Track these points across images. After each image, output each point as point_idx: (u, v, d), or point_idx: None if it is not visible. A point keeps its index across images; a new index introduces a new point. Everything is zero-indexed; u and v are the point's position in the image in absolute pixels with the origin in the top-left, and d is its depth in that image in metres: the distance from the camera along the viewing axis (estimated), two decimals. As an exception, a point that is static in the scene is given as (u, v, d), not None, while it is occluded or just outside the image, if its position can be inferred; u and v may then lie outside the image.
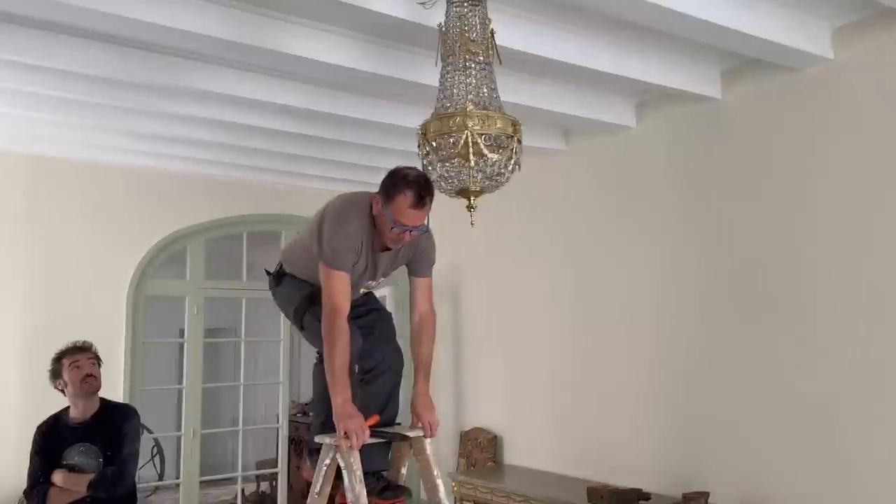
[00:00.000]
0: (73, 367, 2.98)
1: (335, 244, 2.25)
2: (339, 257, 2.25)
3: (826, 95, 3.18)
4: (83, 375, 2.98)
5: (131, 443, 3.04)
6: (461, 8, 2.19)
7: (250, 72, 3.40)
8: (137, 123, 3.98)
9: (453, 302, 5.50)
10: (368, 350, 2.46)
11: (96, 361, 3.07)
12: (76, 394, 3.00)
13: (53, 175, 4.68)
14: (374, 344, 2.50)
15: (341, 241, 2.25)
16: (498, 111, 2.18)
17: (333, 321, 2.19)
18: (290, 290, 2.53)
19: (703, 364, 3.64)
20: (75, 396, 3.01)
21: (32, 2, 2.45)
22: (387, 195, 2.21)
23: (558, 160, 4.57)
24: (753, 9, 2.87)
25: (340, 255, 2.25)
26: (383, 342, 2.56)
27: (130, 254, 4.89)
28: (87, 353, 3.06)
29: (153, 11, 2.60)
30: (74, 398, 3.01)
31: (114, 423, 3.04)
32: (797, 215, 3.26)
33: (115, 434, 3.01)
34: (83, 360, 3.01)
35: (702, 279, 3.68)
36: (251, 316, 5.68)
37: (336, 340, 2.16)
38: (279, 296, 2.60)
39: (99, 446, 2.97)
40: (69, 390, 3.00)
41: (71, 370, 2.98)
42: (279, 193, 5.39)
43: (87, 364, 3.02)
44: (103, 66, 3.09)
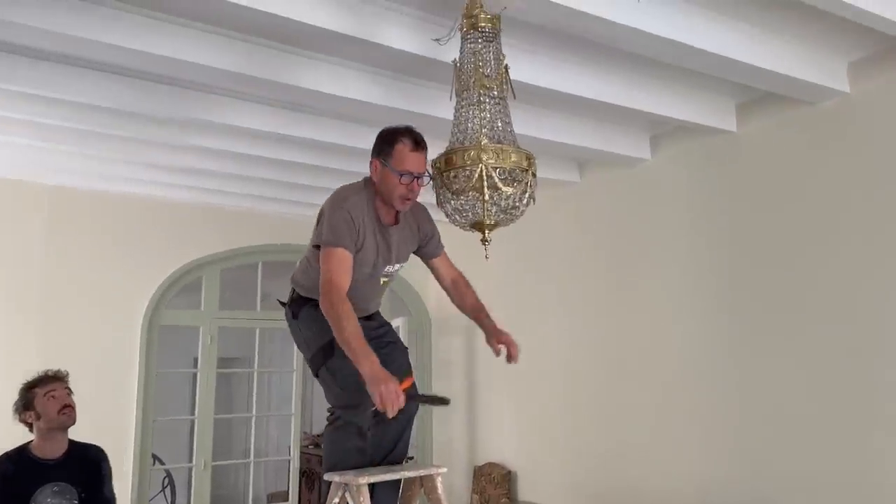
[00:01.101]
0: (48, 398, 2.71)
1: (333, 221, 2.19)
2: (338, 232, 2.17)
3: (842, 129, 3.16)
4: (61, 406, 2.72)
5: (111, 484, 2.86)
6: (475, 44, 2.20)
7: (266, 105, 3.44)
8: (154, 155, 4.02)
9: (466, 334, 5.46)
10: None
11: (71, 392, 2.81)
12: (51, 427, 2.72)
13: (71, 205, 4.73)
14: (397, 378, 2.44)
15: (339, 216, 2.19)
16: (512, 145, 2.17)
17: (331, 298, 2.09)
18: (307, 331, 2.40)
19: (722, 398, 3.57)
20: (49, 430, 2.73)
21: (52, 36, 2.48)
22: (383, 151, 2.23)
23: (572, 192, 4.56)
24: (768, 43, 2.87)
25: (339, 230, 2.17)
26: (398, 374, 2.49)
27: (146, 283, 4.92)
28: (62, 383, 2.80)
29: (170, 45, 2.64)
30: (48, 432, 2.73)
31: (90, 463, 2.82)
32: (813, 248, 3.22)
33: (93, 474, 2.79)
34: (59, 390, 2.75)
35: (718, 311, 3.63)
36: (265, 346, 5.68)
37: (340, 313, 2.07)
38: (296, 332, 2.49)
39: (75, 486, 2.72)
40: (41, 424, 2.72)
41: (46, 401, 2.71)
42: (294, 224, 5.39)
43: (64, 394, 2.76)
44: (121, 98, 3.14)
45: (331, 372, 2.30)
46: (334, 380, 2.32)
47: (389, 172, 2.22)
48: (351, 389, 2.26)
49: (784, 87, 3.11)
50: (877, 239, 2.99)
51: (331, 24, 2.45)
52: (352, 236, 2.19)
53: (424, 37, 2.57)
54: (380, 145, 2.27)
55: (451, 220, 2.27)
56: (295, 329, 2.48)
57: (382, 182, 2.25)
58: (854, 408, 3.02)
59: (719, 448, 3.56)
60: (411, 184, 2.23)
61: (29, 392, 2.75)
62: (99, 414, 4.59)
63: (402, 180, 2.21)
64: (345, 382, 2.29)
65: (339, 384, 2.32)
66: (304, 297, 2.42)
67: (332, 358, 2.28)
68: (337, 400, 2.36)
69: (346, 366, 2.28)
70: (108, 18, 2.50)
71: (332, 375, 2.31)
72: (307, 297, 2.40)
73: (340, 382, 2.31)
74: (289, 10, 2.37)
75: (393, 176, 2.21)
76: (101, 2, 2.47)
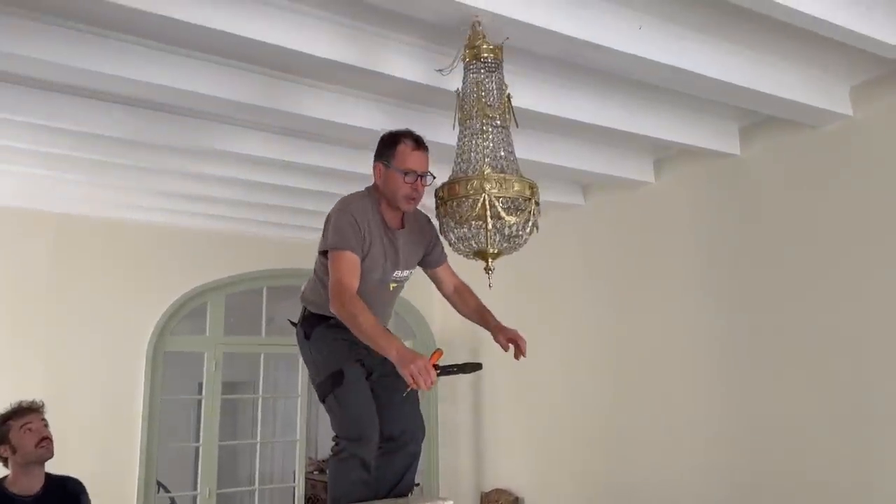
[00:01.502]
0: (24, 430, 2.61)
1: (339, 224, 2.20)
2: (344, 235, 2.18)
3: (845, 152, 3.16)
4: (38, 439, 2.62)
5: None
6: (478, 74, 2.21)
7: (270, 132, 3.46)
8: (160, 183, 4.05)
9: (473, 355, 5.43)
10: (392, 415, 2.38)
11: (47, 423, 2.70)
12: (28, 461, 2.62)
13: (78, 233, 4.76)
14: (398, 408, 2.41)
15: (345, 220, 2.21)
16: (515, 174, 2.18)
17: (342, 299, 2.08)
18: (318, 354, 2.38)
19: (730, 418, 3.54)
20: (26, 464, 2.62)
21: (60, 69, 2.51)
22: (386, 154, 2.28)
23: (577, 215, 4.56)
24: (770, 67, 2.87)
25: (345, 233, 2.18)
26: (409, 407, 2.45)
27: (151, 310, 4.93)
28: (38, 414, 2.69)
29: (176, 76, 2.67)
30: (24, 466, 2.62)
31: (69, 496, 2.71)
32: (818, 270, 3.20)
33: None
34: (36, 422, 2.65)
35: (723, 333, 3.61)
36: (270, 370, 5.65)
37: (353, 311, 2.05)
38: (306, 353, 2.44)
39: None
40: (17, 458, 2.61)
41: (23, 433, 2.60)
42: (299, 248, 5.39)
43: (41, 426, 2.66)
44: (126, 127, 3.17)
45: (338, 400, 2.28)
46: (341, 409, 2.30)
47: (393, 173, 2.25)
48: (357, 421, 2.26)
49: (786, 111, 3.11)
50: (881, 260, 2.98)
51: (335, 55, 2.47)
52: (357, 240, 2.20)
53: (427, 66, 2.58)
54: (382, 148, 2.32)
55: (454, 248, 2.27)
56: (306, 350, 2.43)
57: (387, 184, 2.28)
58: (859, 424, 2.99)
59: (729, 471, 3.51)
60: (415, 183, 2.26)
61: (3, 425, 2.64)
62: (104, 441, 4.61)
63: (406, 179, 2.24)
64: (352, 413, 2.28)
65: (347, 414, 2.30)
66: (316, 315, 2.39)
67: (341, 387, 2.27)
68: (342, 430, 2.33)
69: (355, 397, 2.27)
70: (114, 51, 2.53)
71: (340, 404, 2.29)
72: (318, 314, 2.36)
73: (348, 413, 2.29)
74: (293, 42, 2.39)
75: (397, 176, 2.25)
76: (107, 34, 2.50)
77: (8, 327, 4.51)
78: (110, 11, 2.14)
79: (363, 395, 2.32)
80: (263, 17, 2.33)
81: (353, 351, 2.33)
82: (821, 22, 2.33)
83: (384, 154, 2.30)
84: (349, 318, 2.07)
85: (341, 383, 2.26)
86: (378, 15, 2.39)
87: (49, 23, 2.39)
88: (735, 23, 2.53)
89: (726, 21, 2.52)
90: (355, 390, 2.30)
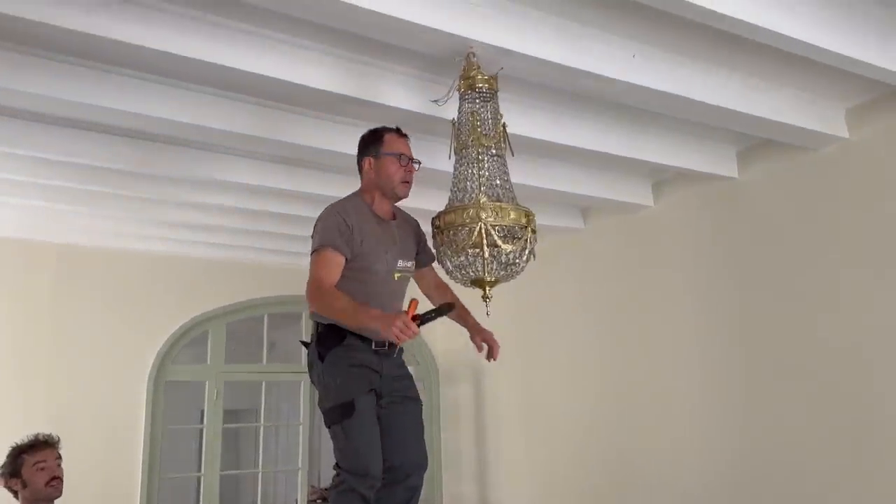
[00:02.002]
0: (37, 468, 2.61)
1: (325, 225, 2.27)
2: (328, 234, 2.23)
3: (842, 174, 3.16)
4: (49, 478, 2.61)
5: None
6: (473, 104, 2.23)
7: (269, 161, 3.48)
8: (160, 212, 4.07)
9: (475, 381, 5.41)
10: (395, 444, 2.36)
11: (61, 460, 2.71)
12: (37, 498, 2.61)
13: (79, 263, 4.77)
14: (402, 438, 2.38)
15: (331, 220, 2.27)
16: (511, 202, 2.19)
17: (319, 293, 2.14)
18: (331, 379, 2.31)
19: (732, 438, 3.51)
20: (35, 500, 2.62)
21: (60, 103, 2.54)
22: (372, 146, 2.37)
23: (578, 239, 4.56)
24: (765, 92, 2.89)
25: (329, 232, 2.24)
26: (413, 438, 2.44)
27: (152, 339, 4.92)
28: (53, 451, 2.69)
29: (176, 109, 2.70)
30: (33, 502, 2.62)
31: None
32: (816, 291, 3.20)
33: None
34: (50, 461, 2.65)
35: (725, 354, 3.59)
36: (271, 397, 5.63)
37: (330, 300, 2.13)
38: (318, 376, 2.36)
39: None
40: (26, 493, 2.61)
41: (35, 471, 2.60)
42: (298, 274, 5.34)
43: (54, 464, 2.67)
44: (127, 159, 3.19)
45: (345, 432, 2.26)
46: (347, 441, 2.27)
47: (385, 160, 2.34)
48: (361, 456, 2.24)
49: (782, 134, 3.12)
50: (879, 279, 2.97)
51: (331, 86, 2.50)
52: (344, 238, 2.24)
53: (424, 96, 2.61)
54: (366, 144, 2.40)
55: (451, 277, 2.27)
56: (317, 372, 2.35)
57: (380, 173, 2.36)
58: (860, 445, 2.96)
59: (732, 492, 3.47)
60: (408, 165, 2.36)
61: (18, 458, 2.64)
62: (106, 471, 4.58)
63: (400, 161, 2.34)
64: (356, 447, 2.26)
65: (351, 447, 2.27)
66: (330, 332, 2.32)
67: (350, 419, 2.24)
68: (344, 461, 2.30)
69: (362, 431, 2.25)
70: (114, 84, 2.56)
71: (346, 436, 2.26)
72: (332, 326, 2.31)
73: (352, 446, 2.27)
74: (290, 74, 2.42)
75: (389, 161, 2.34)
76: (108, 69, 2.53)
77: (10, 358, 4.50)
78: (110, 46, 2.17)
79: (371, 430, 2.30)
80: (261, 50, 2.36)
81: (367, 379, 2.31)
82: (814, 48, 2.35)
83: (370, 147, 2.39)
84: (328, 309, 2.14)
85: (351, 415, 2.24)
86: (374, 47, 2.41)
87: (49, 58, 2.43)
88: (729, 49, 2.55)
89: (720, 48, 2.54)
90: (364, 424, 2.28)
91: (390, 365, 2.41)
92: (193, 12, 2.22)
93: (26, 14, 2.00)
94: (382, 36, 2.22)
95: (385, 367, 2.37)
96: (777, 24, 2.21)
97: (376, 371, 2.35)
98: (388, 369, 2.39)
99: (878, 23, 2.46)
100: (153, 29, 2.17)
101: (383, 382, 2.35)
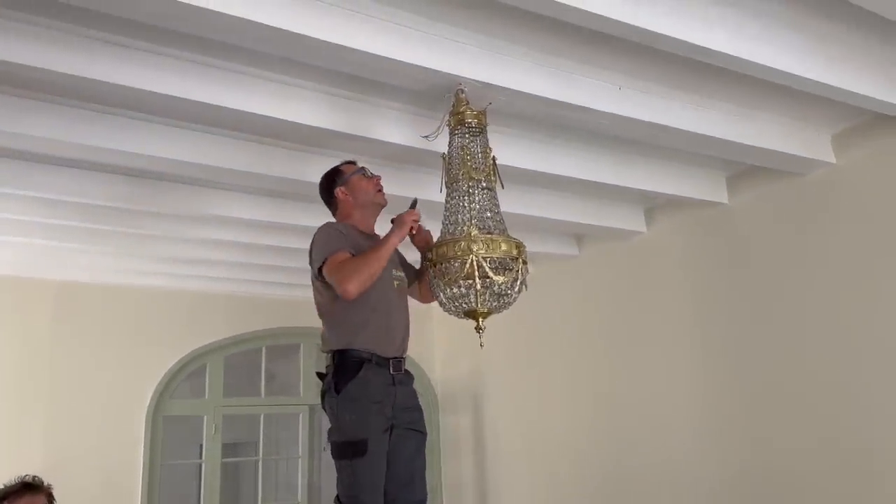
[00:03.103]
0: None
1: (324, 240, 2.33)
2: (332, 242, 2.31)
3: (830, 198, 3.21)
4: None
5: None
6: (463, 139, 2.28)
7: (266, 196, 3.52)
8: (158, 248, 4.11)
9: (474, 409, 5.40)
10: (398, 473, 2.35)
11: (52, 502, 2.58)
12: None
13: (77, 300, 4.79)
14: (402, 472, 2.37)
15: (329, 233, 2.36)
16: (502, 234, 2.22)
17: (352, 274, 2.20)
18: (345, 413, 2.27)
19: (728, 460, 3.51)
20: None
21: (60, 144, 2.59)
22: (337, 177, 2.51)
23: (572, 266, 4.60)
24: (751, 120, 2.94)
25: (332, 241, 2.32)
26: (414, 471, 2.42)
27: (150, 374, 4.92)
28: (39, 496, 2.58)
29: (173, 147, 2.75)
30: None
31: None
32: (806, 314, 3.23)
33: None
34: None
35: (717, 377, 3.62)
36: (270, 430, 5.60)
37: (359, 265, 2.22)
38: (332, 408, 2.31)
39: None
40: None
41: None
42: (297, 306, 5.40)
43: None
44: (125, 197, 3.23)
45: (353, 468, 2.25)
46: (353, 477, 2.26)
47: (353, 179, 2.49)
48: (364, 495, 2.23)
49: (770, 160, 3.17)
50: (867, 302, 3.00)
51: (323, 123, 2.55)
52: (343, 241, 2.33)
53: (415, 130, 2.65)
54: (331, 182, 2.53)
55: (445, 309, 2.30)
56: (332, 403, 2.30)
57: (356, 193, 2.49)
58: (855, 466, 2.97)
59: None
60: (373, 177, 2.52)
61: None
62: (103, 509, 4.55)
63: (367, 174, 2.51)
64: (361, 486, 2.26)
65: (356, 484, 2.26)
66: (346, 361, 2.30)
67: (361, 459, 2.23)
68: (346, 497, 2.28)
69: (370, 471, 2.24)
70: (112, 125, 2.61)
71: (353, 473, 2.25)
72: (347, 353, 2.30)
73: (357, 483, 2.26)
74: (283, 112, 2.47)
75: (358, 178, 2.49)
76: (108, 111, 2.58)
77: (8, 395, 4.51)
78: (108, 89, 2.22)
79: (379, 470, 2.29)
80: (254, 89, 2.41)
81: (384, 416, 2.30)
82: (795, 77, 2.40)
83: (336, 181, 2.51)
84: (363, 273, 2.20)
85: (363, 455, 2.23)
86: (365, 84, 2.47)
87: (49, 101, 2.48)
88: (713, 79, 2.59)
89: (704, 78, 2.59)
90: (374, 464, 2.26)
91: (404, 394, 2.41)
92: (189, 55, 2.27)
93: (27, 60, 2.05)
94: (373, 74, 2.28)
95: (399, 396, 2.37)
96: (757, 54, 2.27)
97: (391, 404, 2.34)
98: (401, 399, 2.38)
99: (857, 50, 2.51)
100: (150, 71, 2.23)
101: (395, 413, 2.35)
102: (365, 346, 2.31)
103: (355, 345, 2.31)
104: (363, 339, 2.31)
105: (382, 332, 2.35)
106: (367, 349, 2.30)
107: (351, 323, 2.32)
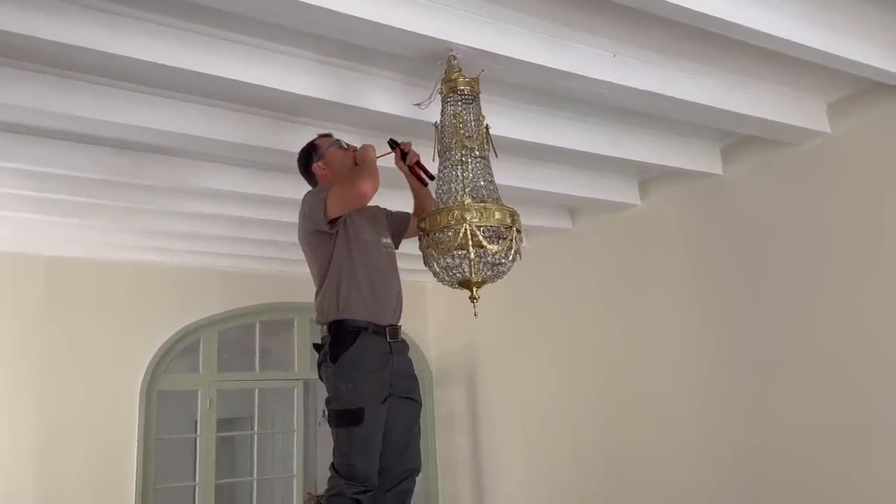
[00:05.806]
0: None
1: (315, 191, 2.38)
2: (324, 188, 2.35)
3: (825, 168, 3.20)
4: None
5: None
6: (455, 107, 2.25)
7: (258, 168, 3.49)
8: (149, 222, 4.07)
9: (468, 384, 5.42)
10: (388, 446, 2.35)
11: None
12: None
13: (70, 275, 4.76)
14: (396, 441, 2.38)
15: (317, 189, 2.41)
16: (496, 203, 2.20)
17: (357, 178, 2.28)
18: (342, 383, 2.28)
19: (726, 436, 3.53)
20: None
21: (47, 115, 2.55)
22: (314, 152, 2.54)
23: (566, 238, 4.59)
24: (746, 89, 2.92)
25: (324, 187, 2.35)
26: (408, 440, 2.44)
27: (143, 349, 4.90)
28: None
29: (162, 118, 2.71)
30: None
31: None
32: (802, 283, 3.23)
33: None
34: None
35: (712, 349, 3.62)
36: (265, 405, 5.62)
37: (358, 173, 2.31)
38: (328, 377, 2.33)
39: None
40: None
41: None
42: (291, 282, 5.39)
43: None
44: (115, 170, 3.20)
45: (349, 437, 2.26)
46: (349, 446, 2.27)
47: (330, 152, 2.52)
48: (360, 464, 2.24)
49: (764, 130, 3.15)
50: (864, 271, 3.00)
51: (315, 92, 2.52)
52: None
53: (407, 99, 2.62)
54: (308, 158, 2.56)
55: (439, 279, 2.28)
56: (328, 372, 2.32)
57: (333, 165, 2.51)
58: (852, 434, 2.98)
59: (729, 488, 3.50)
60: (349, 148, 2.54)
61: None
62: (99, 483, 4.56)
63: (342, 146, 2.54)
64: (357, 454, 2.26)
65: (352, 453, 2.27)
66: (343, 330, 2.30)
67: (358, 427, 2.24)
68: (341, 465, 2.30)
69: (366, 440, 2.26)
70: (100, 95, 2.57)
71: (349, 441, 2.26)
72: (343, 323, 2.30)
73: (353, 452, 2.27)
74: (274, 81, 2.44)
75: (334, 151, 2.52)
76: (96, 81, 2.54)
77: (0, 371, 4.49)
78: (96, 58, 2.18)
79: (375, 440, 2.30)
80: (244, 57, 2.37)
81: (382, 385, 2.31)
82: (793, 44, 2.38)
83: (312, 157, 2.55)
84: (365, 174, 2.28)
85: (359, 423, 2.24)
86: (356, 52, 2.43)
87: (35, 70, 2.43)
88: (709, 47, 2.56)
89: (700, 45, 2.56)
90: (370, 434, 2.28)
91: (400, 362, 2.43)
92: (178, 22, 2.23)
93: (14, 28, 2.01)
94: (364, 41, 2.24)
95: (395, 364, 2.39)
96: (755, 20, 2.24)
97: (388, 372, 2.35)
98: (398, 367, 2.40)
99: (857, 17, 2.49)
100: (140, 40, 2.18)
101: (392, 380, 2.36)
102: (361, 315, 2.32)
103: (351, 314, 2.31)
104: (358, 307, 2.32)
105: (377, 300, 2.37)
106: (364, 318, 2.31)
107: (345, 292, 2.32)
